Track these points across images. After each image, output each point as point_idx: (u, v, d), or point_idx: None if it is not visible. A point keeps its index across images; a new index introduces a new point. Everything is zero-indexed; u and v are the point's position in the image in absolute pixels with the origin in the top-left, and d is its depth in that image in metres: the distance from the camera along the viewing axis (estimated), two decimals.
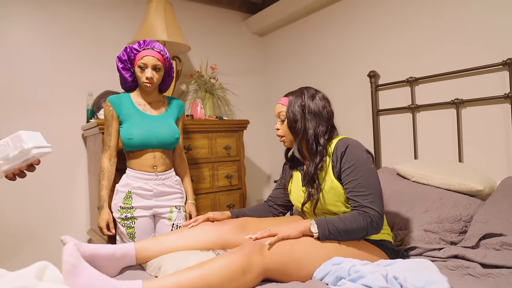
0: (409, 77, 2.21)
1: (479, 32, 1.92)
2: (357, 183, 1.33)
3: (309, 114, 1.43)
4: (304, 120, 1.43)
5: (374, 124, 2.44)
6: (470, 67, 1.93)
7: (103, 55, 2.64)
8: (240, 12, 3.41)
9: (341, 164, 1.37)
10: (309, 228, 1.27)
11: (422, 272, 1.08)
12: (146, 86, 1.79)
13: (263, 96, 3.53)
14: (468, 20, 1.97)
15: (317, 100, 1.46)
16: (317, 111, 1.44)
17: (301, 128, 1.43)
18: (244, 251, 1.14)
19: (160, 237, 1.41)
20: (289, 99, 1.49)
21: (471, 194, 1.70)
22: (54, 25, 2.48)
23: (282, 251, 1.19)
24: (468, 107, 1.98)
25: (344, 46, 2.71)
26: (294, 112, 1.44)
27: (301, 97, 1.47)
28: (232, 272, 1.09)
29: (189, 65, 3.07)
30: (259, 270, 1.14)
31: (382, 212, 1.31)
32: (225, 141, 2.62)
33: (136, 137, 1.77)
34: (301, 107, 1.45)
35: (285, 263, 1.18)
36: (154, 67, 1.77)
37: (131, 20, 2.76)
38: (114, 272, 1.28)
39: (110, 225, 1.78)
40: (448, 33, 2.06)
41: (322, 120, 1.44)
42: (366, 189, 1.31)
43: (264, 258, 1.15)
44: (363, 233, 1.29)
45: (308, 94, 1.47)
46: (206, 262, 1.13)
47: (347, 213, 1.32)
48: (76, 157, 2.54)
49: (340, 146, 1.39)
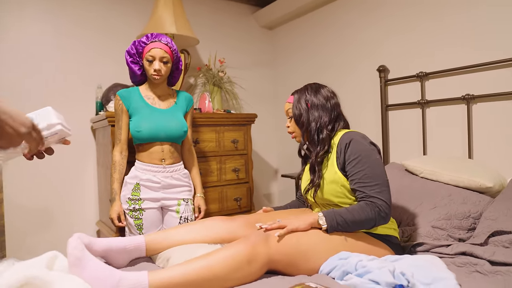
0: (419, 72, 2.18)
1: (490, 27, 1.89)
2: (363, 174, 1.33)
3: (312, 108, 1.49)
4: (308, 114, 1.49)
5: (383, 119, 2.42)
6: (481, 62, 1.90)
7: (112, 48, 2.65)
8: (248, 5, 3.39)
9: (346, 156, 1.38)
10: (317, 221, 1.28)
11: (430, 269, 1.08)
12: (154, 79, 1.81)
13: (271, 90, 3.52)
14: (480, 15, 1.93)
15: (321, 94, 1.50)
16: (319, 104, 1.48)
17: (305, 122, 1.48)
18: (250, 241, 1.15)
19: (169, 230, 1.43)
20: (294, 97, 1.55)
21: (480, 191, 1.68)
22: (62, 17, 2.49)
23: (288, 242, 1.19)
24: (479, 103, 1.95)
25: (354, 41, 2.68)
26: (299, 108, 1.50)
27: (305, 93, 1.52)
28: (237, 261, 1.10)
29: (198, 58, 3.06)
30: (264, 260, 1.15)
31: (390, 202, 1.31)
32: (232, 134, 2.62)
33: (145, 130, 1.79)
34: (305, 102, 1.50)
35: (290, 255, 1.18)
36: (162, 59, 1.79)
37: (140, 13, 2.76)
38: (124, 263, 1.31)
39: (121, 217, 1.82)
40: (459, 28, 2.03)
41: (325, 111, 1.48)
42: (372, 179, 1.32)
43: (269, 248, 1.16)
44: (371, 224, 1.29)
45: (311, 89, 1.52)
46: (212, 252, 1.14)
47: (355, 205, 1.33)
48: (85, 149, 2.57)
49: (345, 138, 1.41)
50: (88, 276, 1.00)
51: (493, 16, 1.88)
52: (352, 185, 1.36)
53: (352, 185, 1.36)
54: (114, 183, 1.84)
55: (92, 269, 1.01)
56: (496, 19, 1.87)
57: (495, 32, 1.88)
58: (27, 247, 2.36)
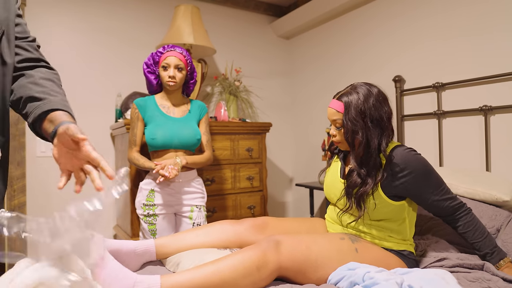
0: (435, 83, 2.16)
1: (509, 38, 1.86)
2: (436, 191, 1.33)
3: (370, 123, 1.28)
4: (365, 131, 1.28)
5: (398, 129, 2.40)
6: (499, 73, 1.87)
7: (133, 57, 2.73)
8: (266, 16, 3.44)
9: (400, 179, 1.29)
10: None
11: (439, 283, 1.06)
12: (169, 85, 1.88)
13: (287, 99, 3.53)
14: (498, 26, 1.91)
15: (375, 102, 1.30)
16: (378, 117, 1.29)
17: (362, 141, 1.29)
18: (260, 248, 1.15)
19: (178, 235, 1.45)
20: (344, 104, 1.32)
21: (497, 205, 1.64)
22: (86, 27, 2.60)
23: (298, 250, 1.19)
24: (497, 114, 1.92)
25: (370, 51, 2.68)
26: (353, 121, 1.29)
27: (357, 100, 1.29)
28: (246, 267, 1.10)
29: (215, 67, 3.12)
30: (274, 267, 1.15)
31: (458, 200, 1.37)
32: (247, 143, 2.65)
33: (159, 137, 1.85)
34: (360, 114, 1.29)
35: (300, 262, 1.18)
36: (176, 67, 1.87)
37: (159, 24, 2.85)
38: (136, 267, 1.34)
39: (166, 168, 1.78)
40: (476, 39, 2.00)
41: (385, 129, 1.30)
42: (444, 191, 1.34)
43: (280, 255, 1.16)
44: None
45: (364, 94, 1.30)
46: (221, 258, 1.15)
47: (468, 223, 1.34)
48: (105, 154, 2.63)
49: (397, 158, 1.29)
50: (107, 275, 1.03)
51: (511, 27, 1.85)
52: (427, 203, 1.35)
53: (427, 203, 1.35)
54: (146, 163, 1.85)
55: (111, 269, 1.05)
56: None
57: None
58: None
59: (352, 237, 1.34)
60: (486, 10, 1.96)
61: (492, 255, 1.31)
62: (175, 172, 1.76)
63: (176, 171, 1.76)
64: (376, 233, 1.37)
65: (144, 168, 1.86)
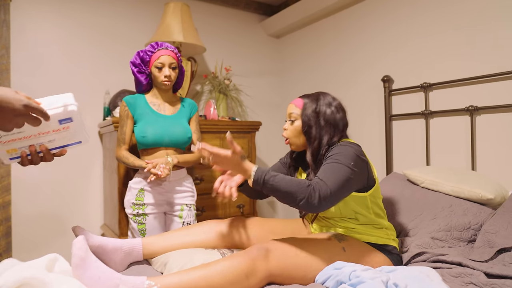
0: (423, 83, 2.18)
1: (495, 40, 1.89)
2: (325, 167, 1.27)
3: (323, 122, 1.39)
4: (319, 128, 1.39)
5: (386, 129, 2.42)
6: (485, 74, 1.90)
7: (121, 54, 2.70)
8: (256, 14, 3.44)
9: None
10: (250, 172, 1.22)
11: (424, 280, 1.08)
12: (165, 85, 1.86)
13: (277, 98, 3.54)
14: (485, 27, 1.93)
15: (333, 109, 1.40)
16: (332, 120, 1.39)
17: (316, 135, 1.39)
18: (249, 255, 1.15)
19: (166, 234, 1.45)
20: (304, 102, 1.44)
21: (481, 203, 1.67)
22: (72, 23, 2.56)
23: (287, 257, 1.19)
24: (482, 114, 1.95)
25: (359, 50, 2.70)
26: (309, 116, 1.40)
27: (316, 102, 1.42)
28: (235, 275, 1.10)
29: (204, 66, 3.11)
30: (263, 275, 1.14)
31: (332, 190, 1.20)
32: (237, 142, 2.64)
33: (150, 135, 1.83)
34: (315, 112, 1.40)
35: (289, 269, 1.18)
36: (171, 66, 1.85)
37: (148, 21, 2.82)
38: (122, 267, 1.33)
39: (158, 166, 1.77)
40: (463, 40, 2.03)
41: (337, 130, 1.39)
42: (329, 172, 1.24)
43: (269, 263, 1.15)
44: (299, 197, 1.16)
45: (324, 100, 1.42)
46: (211, 263, 1.14)
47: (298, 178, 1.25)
48: (92, 153, 2.62)
49: (336, 146, 1.35)
50: (90, 276, 1.02)
51: (497, 28, 1.88)
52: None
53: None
54: (136, 161, 1.82)
55: (94, 270, 1.04)
56: (501, 31, 1.87)
57: (500, 44, 1.88)
58: (32, 249, 2.40)
59: (339, 236, 1.35)
60: (474, 13, 1.99)
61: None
62: (166, 171, 1.75)
63: (168, 170, 1.75)
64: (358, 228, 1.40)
65: (134, 167, 1.84)
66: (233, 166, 1.23)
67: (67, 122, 1.02)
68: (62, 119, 1.01)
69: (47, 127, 1.00)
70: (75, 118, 1.03)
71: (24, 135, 0.98)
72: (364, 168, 1.34)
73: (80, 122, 1.05)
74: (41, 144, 1.02)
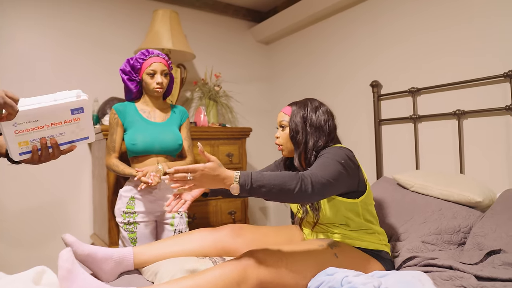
0: (411, 88, 2.21)
1: (481, 44, 1.93)
2: (315, 163, 1.29)
3: (310, 127, 1.43)
4: (305, 133, 1.43)
5: (376, 133, 2.44)
6: (472, 78, 1.93)
7: (109, 62, 2.68)
8: (245, 21, 3.45)
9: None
10: (233, 179, 1.11)
11: (416, 285, 1.08)
12: (157, 92, 1.85)
13: (267, 104, 3.55)
14: (471, 32, 1.97)
15: (320, 113, 1.45)
16: (318, 124, 1.43)
17: (301, 140, 1.43)
18: (240, 263, 1.14)
19: (157, 243, 1.43)
20: (292, 109, 1.48)
21: (470, 206, 1.69)
22: (59, 31, 2.54)
23: (279, 264, 1.18)
24: (469, 118, 1.98)
25: (347, 56, 2.73)
26: (296, 122, 1.44)
27: (304, 108, 1.46)
28: (226, 282, 1.09)
29: (194, 72, 3.10)
30: (254, 283, 1.13)
31: (324, 178, 1.19)
32: (227, 148, 2.64)
33: (140, 143, 1.81)
34: (303, 118, 1.44)
35: (281, 276, 1.18)
36: (163, 73, 1.85)
37: (137, 28, 2.81)
38: (112, 277, 1.31)
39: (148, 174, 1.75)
40: (450, 45, 2.07)
41: (323, 134, 1.43)
42: (320, 165, 1.25)
43: (260, 271, 1.14)
44: (292, 182, 1.13)
45: (311, 106, 1.47)
46: (201, 272, 1.13)
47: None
48: (81, 162, 2.58)
49: (325, 150, 1.38)
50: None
51: (483, 33, 1.92)
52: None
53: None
54: (126, 170, 1.80)
55: (81, 283, 1.02)
56: (487, 36, 1.91)
57: (485, 48, 1.91)
58: (20, 260, 2.35)
59: (331, 242, 1.35)
60: (460, 18, 2.03)
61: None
62: (157, 179, 1.73)
63: (158, 178, 1.74)
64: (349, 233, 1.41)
65: (124, 175, 1.82)
66: (212, 178, 1.09)
67: (78, 113, 1.10)
68: (74, 109, 1.09)
69: (60, 117, 1.07)
70: (86, 109, 1.11)
71: (38, 124, 1.04)
72: (355, 171, 1.36)
73: (89, 116, 1.12)
74: (51, 137, 1.08)
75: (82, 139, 1.14)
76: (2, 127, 0.99)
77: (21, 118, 1.00)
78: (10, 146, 1.02)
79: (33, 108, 1.02)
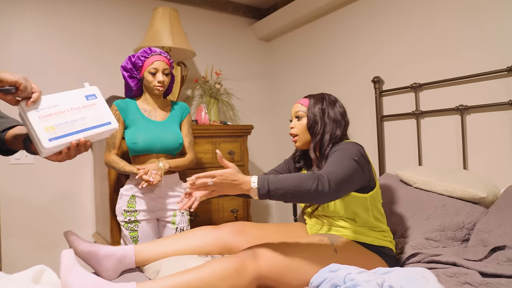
0: (413, 83, 2.19)
1: (484, 39, 1.91)
2: (330, 160, 1.31)
3: (328, 119, 1.48)
4: (324, 123, 1.47)
5: (378, 130, 2.42)
6: (474, 73, 1.91)
7: (109, 60, 2.67)
8: (245, 18, 3.43)
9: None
10: (250, 184, 1.13)
11: (420, 282, 1.07)
12: (158, 90, 1.84)
13: (268, 101, 3.53)
14: (473, 26, 1.95)
15: (337, 107, 1.51)
16: (335, 117, 1.48)
17: (319, 131, 1.46)
18: (239, 257, 1.16)
19: (159, 241, 1.43)
20: (310, 101, 1.53)
21: (474, 202, 1.68)
22: (58, 29, 2.53)
23: (277, 258, 1.18)
24: (472, 113, 1.96)
25: (349, 52, 2.71)
26: (315, 113, 1.48)
27: (322, 101, 1.51)
28: (226, 270, 1.11)
29: (195, 70, 3.09)
30: (253, 274, 1.14)
31: (340, 176, 1.20)
32: (229, 146, 2.63)
33: (141, 142, 1.81)
34: (321, 109, 1.49)
35: (280, 270, 1.17)
36: (164, 71, 1.84)
37: (136, 26, 2.80)
38: (114, 275, 1.30)
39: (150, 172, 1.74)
40: (452, 40, 2.04)
41: (339, 126, 1.48)
42: (336, 163, 1.27)
43: (258, 263, 1.15)
44: (309, 182, 1.14)
45: (329, 99, 1.52)
46: (201, 265, 1.14)
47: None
48: (83, 160, 2.58)
49: (339, 144, 1.43)
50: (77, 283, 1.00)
51: (486, 27, 1.90)
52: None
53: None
54: (126, 167, 1.80)
55: (80, 279, 1.02)
56: (490, 30, 1.88)
57: (488, 43, 1.89)
58: (22, 259, 2.35)
59: (332, 237, 1.35)
60: (463, 13, 2.00)
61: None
62: (158, 177, 1.72)
63: (159, 176, 1.73)
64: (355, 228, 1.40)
65: (124, 172, 1.81)
66: (231, 183, 1.11)
67: (92, 99, 1.16)
68: (88, 95, 1.15)
69: (77, 102, 1.13)
70: (99, 96, 1.18)
71: (59, 109, 1.08)
72: (367, 167, 1.38)
73: (103, 102, 1.17)
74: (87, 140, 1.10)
75: (105, 124, 1.16)
76: (27, 114, 1.02)
77: (42, 104, 1.06)
78: (38, 133, 1.03)
79: (48, 95, 1.09)
